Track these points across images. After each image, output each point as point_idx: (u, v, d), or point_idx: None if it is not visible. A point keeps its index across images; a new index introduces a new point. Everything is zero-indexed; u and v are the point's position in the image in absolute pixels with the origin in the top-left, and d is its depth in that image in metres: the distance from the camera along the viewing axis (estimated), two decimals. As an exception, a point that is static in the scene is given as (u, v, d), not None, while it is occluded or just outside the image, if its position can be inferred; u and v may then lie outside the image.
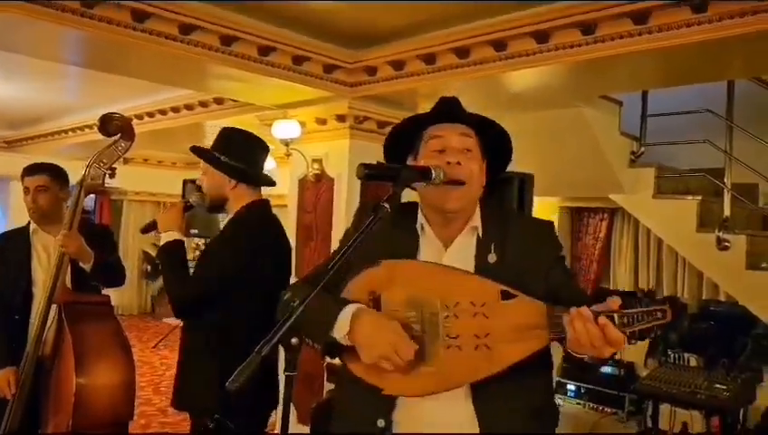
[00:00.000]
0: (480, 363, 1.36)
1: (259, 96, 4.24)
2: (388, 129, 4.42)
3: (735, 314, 4.76)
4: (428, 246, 1.54)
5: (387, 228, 1.44)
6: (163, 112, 5.81)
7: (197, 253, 10.24)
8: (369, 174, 1.40)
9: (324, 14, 3.36)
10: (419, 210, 1.59)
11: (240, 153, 2.34)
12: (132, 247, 10.33)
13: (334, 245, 4.23)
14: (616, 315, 1.27)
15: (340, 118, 4.16)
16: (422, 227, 1.56)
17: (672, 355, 4.48)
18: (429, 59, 3.57)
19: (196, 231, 8.06)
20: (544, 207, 5.71)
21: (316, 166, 4.39)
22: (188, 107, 5.48)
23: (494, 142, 1.59)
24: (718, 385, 3.52)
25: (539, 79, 3.50)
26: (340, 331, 1.41)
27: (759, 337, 4.49)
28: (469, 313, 1.37)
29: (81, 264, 2.60)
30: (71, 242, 2.49)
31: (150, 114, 5.91)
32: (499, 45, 3.24)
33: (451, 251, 1.52)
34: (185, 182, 8.35)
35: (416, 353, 1.38)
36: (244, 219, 2.29)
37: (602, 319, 1.26)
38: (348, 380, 1.55)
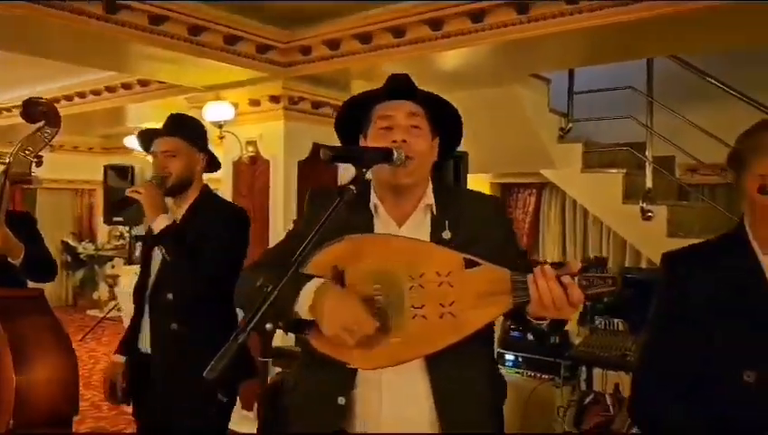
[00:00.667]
0: (446, 331, 1.38)
1: (189, 77, 4.11)
2: (323, 109, 4.43)
3: (656, 279, 5.05)
4: (382, 225, 1.54)
5: (341, 209, 1.42)
6: (82, 95, 5.54)
7: (121, 241, 9.91)
8: (333, 156, 1.39)
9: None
10: (372, 190, 1.58)
11: (205, 138, 2.36)
12: (50, 238, 9.79)
13: (274, 228, 4.19)
14: (577, 277, 1.30)
15: (274, 99, 4.09)
16: (375, 207, 1.56)
17: (601, 322, 4.69)
18: (365, 38, 3.56)
19: (120, 219, 7.75)
20: (475, 184, 5.82)
21: (251, 148, 4.32)
22: (110, 89, 5.24)
23: (445, 120, 1.60)
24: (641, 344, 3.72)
25: (472, 58, 3.56)
26: (302, 305, 1.40)
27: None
28: (434, 282, 1.38)
29: (9, 259, 2.45)
30: None
31: (68, 97, 5.61)
32: (435, 24, 3.26)
33: (405, 229, 1.53)
34: (106, 168, 8.01)
35: (381, 325, 1.38)
36: (229, 203, 2.42)
37: (566, 278, 1.29)
38: (306, 362, 1.56)
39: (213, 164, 2.39)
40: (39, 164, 2.49)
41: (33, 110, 2.44)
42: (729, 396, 1.36)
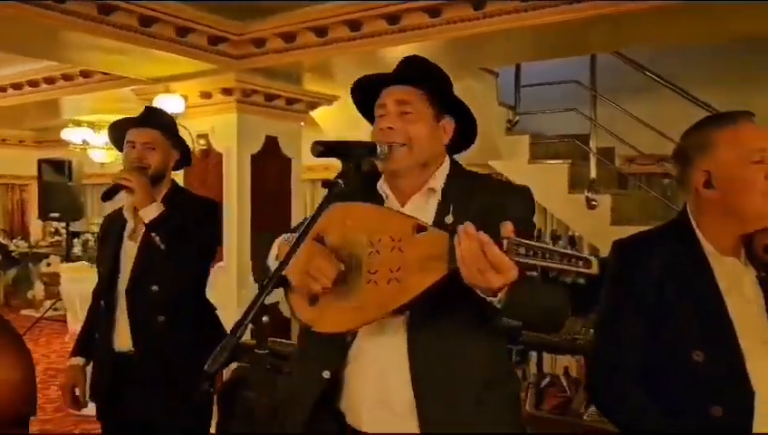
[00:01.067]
0: (390, 297, 1.36)
1: (138, 69, 4.02)
2: (277, 102, 4.40)
3: (604, 264, 5.28)
4: (387, 204, 1.56)
5: (356, 198, 1.49)
6: (17, 87, 5.30)
7: (57, 238, 9.54)
8: (322, 152, 1.41)
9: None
10: (382, 177, 1.60)
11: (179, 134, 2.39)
12: (-23, 236, 9.42)
13: (227, 220, 4.14)
14: (505, 240, 1.21)
15: (227, 91, 4.05)
16: (385, 193, 1.57)
17: (548, 307, 4.87)
18: (321, 31, 3.56)
19: (57, 215, 7.49)
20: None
21: (202, 141, 4.26)
22: (49, 80, 5.04)
23: (453, 100, 1.59)
24: (593, 330, 3.90)
25: (427, 52, 3.60)
26: (272, 257, 1.45)
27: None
28: (388, 247, 1.38)
29: None
30: None
31: (2, 88, 5.37)
32: (392, 19, 3.30)
33: (406, 210, 1.53)
34: (40, 162, 7.69)
35: (343, 290, 1.39)
36: (200, 196, 2.46)
37: (483, 235, 1.21)
38: (299, 350, 1.59)
39: (185, 161, 2.37)
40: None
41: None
42: (680, 375, 1.44)
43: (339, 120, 5.07)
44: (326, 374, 1.48)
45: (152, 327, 2.22)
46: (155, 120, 2.31)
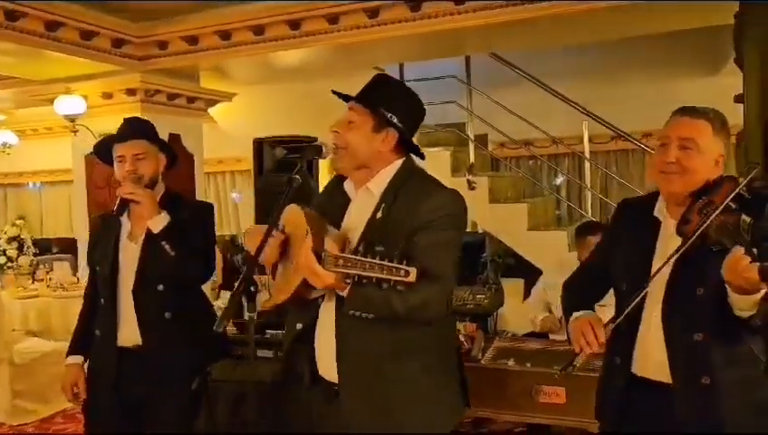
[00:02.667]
0: (286, 285, 1.75)
1: (39, 71, 4.03)
2: (178, 101, 4.55)
3: (477, 240, 5.92)
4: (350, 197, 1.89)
5: (334, 188, 1.93)
6: None
7: (15, 243, 8.81)
8: (285, 153, 1.75)
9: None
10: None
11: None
12: None
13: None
14: (323, 253, 1.57)
15: (131, 91, 4.16)
16: (347, 187, 1.89)
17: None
18: (225, 35, 3.80)
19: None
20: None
21: (105, 141, 4.33)
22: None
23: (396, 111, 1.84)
24: (479, 295, 4.45)
25: (324, 55, 3.98)
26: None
27: (495, 256, 5.67)
28: (297, 243, 1.71)
29: None
30: None
31: None
32: (294, 24, 3.61)
33: (354, 204, 1.86)
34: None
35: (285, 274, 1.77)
36: (195, 199, 2.68)
37: (308, 255, 1.59)
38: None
39: (173, 162, 2.52)
40: None
41: None
42: (617, 298, 1.87)
43: (234, 115, 5.29)
44: (299, 326, 1.84)
45: (160, 323, 2.37)
46: (138, 130, 2.44)
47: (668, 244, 1.77)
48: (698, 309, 1.71)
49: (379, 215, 1.78)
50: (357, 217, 1.81)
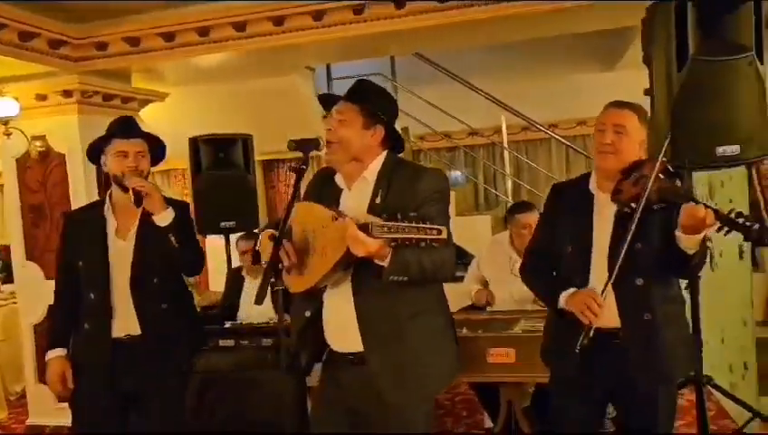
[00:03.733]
0: (322, 265, 1.97)
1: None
2: (115, 101, 4.59)
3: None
4: (339, 188, 2.13)
5: (323, 182, 2.17)
6: None
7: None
8: (294, 147, 1.98)
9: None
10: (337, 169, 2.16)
11: None
12: None
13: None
14: (370, 224, 1.78)
15: (67, 93, 4.14)
16: (338, 181, 2.14)
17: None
18: (168, 37, 3.89)
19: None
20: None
21: (38, 143, 4.28)
22: None
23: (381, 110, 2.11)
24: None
25: (269, 55, 4.16)
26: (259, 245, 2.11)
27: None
28: (321, 231, 1.98)
29: None
30: None
31: None
32: (240, 27, 3.77)
33: (351, 193, 2.11)
34: None
35: (304, 263, 1.98)
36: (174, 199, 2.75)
37: (352, 228, 1.80)
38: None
39: (158, 161, 2.66)
40: None
41: None
42: (563, 259, 2.27)
43: (162, 116, 5.32)
44: (307, 313, 2.08)
45: (157, 314, 2.54)
46: (139, 129, 2.57)
47: (602, 210, 2.22)
48: (637, 259, 2.13)
49: (378, 200, 2.05)
50: (355, 204, 2.06)
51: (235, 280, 4.43)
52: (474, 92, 5.52)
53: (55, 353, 2.61)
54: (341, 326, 2.07)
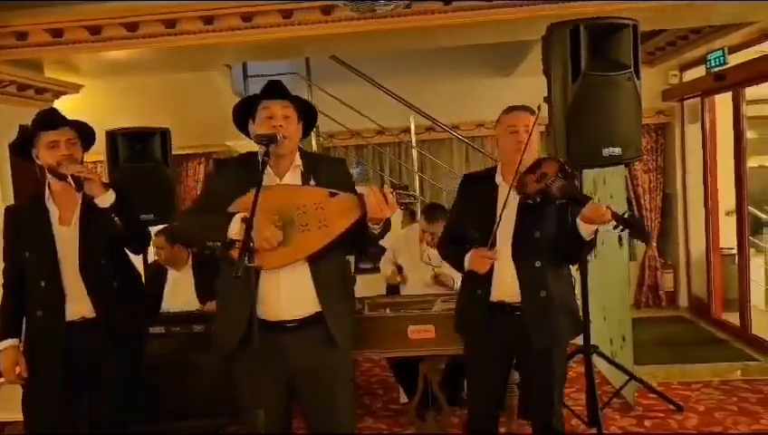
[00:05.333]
0: (321, 237, 2.27)
1: None
2: (29, 92, 4.55)
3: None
4: (270, 179, 2.33)
5: (240, 172, 2.33)
6: None
7: None
8: (260, 140, 2.21)
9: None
10: (259, 157, 2.33)
11: None
12: None
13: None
14: (392, 189, 2.21)
15: (-19, 83, 4.08)
16: (264, 167, 2.27)
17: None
18: (93, 29, 3.94)
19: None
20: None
21: (-53, 133, 4.17)
22: None
23: (304, 111, 2.45)
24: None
25: (193, 51, 4.29)
26: (233, 230, 2.19)
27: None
28: (313, 208, 2.26)
29: None
30: None
31: None
32: (169, 24, 3.89)
33: (284, 181, 2.37)
34: None
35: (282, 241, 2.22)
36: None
37: (384, 189, 2.18)
38: (223, 283, 2.37)
39: (89, 146, 2.75)
40: None
41: None
42: (471, 243, 2.65)
43: (76, 108, 5.26)
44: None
45: (109, 293, 2.65)
46: (64, 119, 2.63)
47: (508, 202, 2.61)
48: (536, 245, 2.59)
49: (312, 183, 2.38)
50: None
51: (157, 273, 4.51)
52: (383, 93, 5.87)
53: (8, 343, 2.68)
54: (295, 295, 2.31)
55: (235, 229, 2.19)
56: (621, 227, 2.41)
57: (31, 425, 2.77)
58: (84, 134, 2.72)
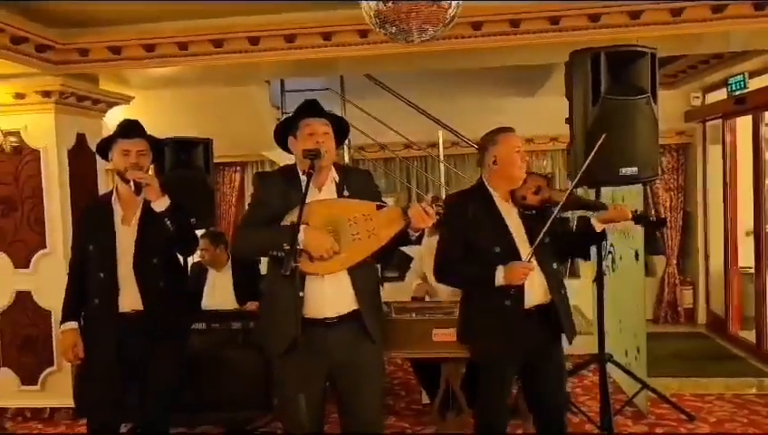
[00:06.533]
0: (371, 245, 2.54)
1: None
2: (86, 103, 4.91)
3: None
4: (311, 191, 2.56)
5: (282, 183, 2.61)
6: None
7: None
8: (309, 155, 2.48)
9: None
10: (298, 169, 2.65)
11: None
12: None
13: (49, 209, 4.56)
14: (429, 203, 2.45)
15: (46, 93, 4.42)
16: (306, 181, 2.54)
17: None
18: (149, 47, 4.27)
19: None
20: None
21: (12, 139, 4.53)
22: None
23: (338, 127, 2.73)
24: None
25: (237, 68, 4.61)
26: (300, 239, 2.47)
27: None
28: (362, 219, 2.53)
29: None
30: None
31: None
32: (217, 43, 4.21)
33: (323, 192, 2.64)
34: None
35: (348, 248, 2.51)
36: None
37: (424, 203, 2.43)
38: (271, 282, 2.64)
39: (158, 157, 3.06)
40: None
41: None
42: (489, 261, 2.81)
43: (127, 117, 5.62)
44: (301, 294, 2.50)
45: (156, 290, 2.93)
46: (141, 131, 2.96)
47: (509, 214, 2.88)
48: (549, 250, 2.85)
49: (346, 193, 2.66)
50: (326, 197, 2.65)
51: (199, 272, 4.83)
52: (412, 109, 6.15)
53: (68, 326, 2.99)
54: (337, 295, 2.57)
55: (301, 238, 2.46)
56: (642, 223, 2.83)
57: (83, 405, 3.07)
58: (155, 147, 3.05)
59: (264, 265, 2.75)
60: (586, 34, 3.98)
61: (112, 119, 5.41)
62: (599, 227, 2.86)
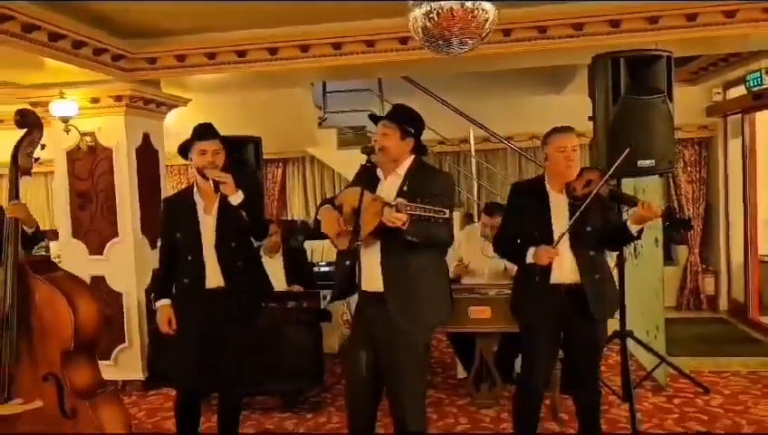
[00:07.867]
0: (364, 231, 2.84)
1: (36, 78, 4.69)
2: (151, 105, 5.42)
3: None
4: (381, 182, 3.03)
5: (367, 174, 3.05)
6: None
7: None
8: (367, 152, 2.91)
9: (115, 13, 4.20)
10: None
11: None
12: None
13: (121, 202, 5.07)
14: (398, 204, 2.62)
15: (118, 98, 4.93)
16: (379, 173, 3.04)
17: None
18: (211, 56, 4.75)
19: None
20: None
21: (88, 138, 5.05)
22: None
23: (407, 123, 3.05)
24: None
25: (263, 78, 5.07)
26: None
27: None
28: (365, 207, 2.83)
29: (25, 228, 3.15)
30: (20, 210, 3.09)
31: None
32: (272, 51, 4.67)
33: (387, 183, 3.02)
34: None
35: (353, 229, 2.89)
36: None
37: (393, 210, 2.64)
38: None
39: (229, 156, 3.50)
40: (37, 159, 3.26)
41: (26, 119, 3.22)
42: (529, 242, 3.24)
43: (181, 119, 6.12)
44: (347, 263, 2.96)
45: (235, 269, 3.38)
46: (215, 133, 3.42)
47: (558, 203, 3.25)
48: (588, 238, 3.20)
49: (405, 188, 2.99)
50: (388, 190, 3.01)
51: (255, 258, 5.32)
52: (445, 107, 6.56)
53: (163, 302, 3.47)
54: (371, 274, 2.92)
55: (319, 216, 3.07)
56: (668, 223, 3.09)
57: (174, 369, 3.54)
58: (227, 145, 3.50)
59: (310, 254, 3.17)
60: (607, 38, 4.34)
61: (170, 119, 5.95)
62: (635, 229, 3.13)
